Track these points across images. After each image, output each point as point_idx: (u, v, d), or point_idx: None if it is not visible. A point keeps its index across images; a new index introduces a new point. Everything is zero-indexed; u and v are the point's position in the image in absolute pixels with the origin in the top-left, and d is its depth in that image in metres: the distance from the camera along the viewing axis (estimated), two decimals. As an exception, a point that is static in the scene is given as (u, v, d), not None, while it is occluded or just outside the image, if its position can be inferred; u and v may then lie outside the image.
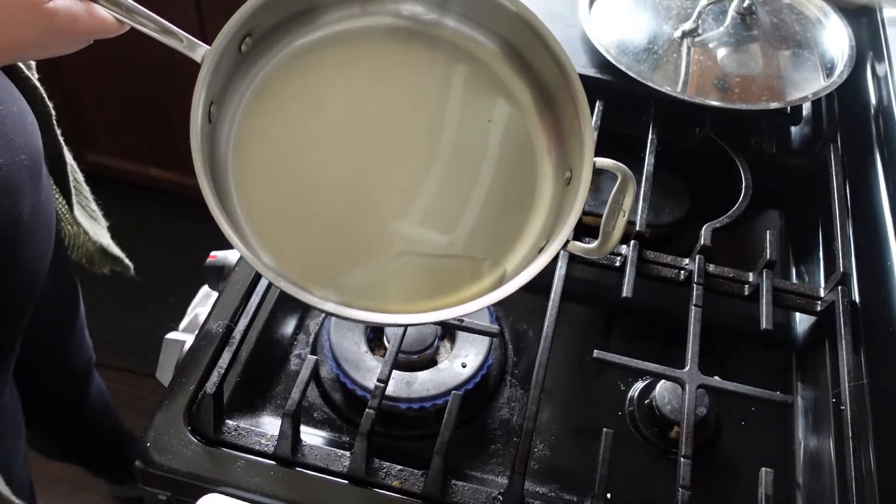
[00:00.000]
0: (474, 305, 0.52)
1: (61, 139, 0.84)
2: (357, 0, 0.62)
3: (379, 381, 0.62)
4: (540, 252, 0.54)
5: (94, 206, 0.94)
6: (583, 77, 0.59)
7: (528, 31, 0.60)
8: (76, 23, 0.52)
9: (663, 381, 0.68)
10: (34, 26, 0.50)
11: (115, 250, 0.97)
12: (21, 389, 0.91)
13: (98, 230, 0.94)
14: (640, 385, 0.71)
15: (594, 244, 0.55)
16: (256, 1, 0.56)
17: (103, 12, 0.53)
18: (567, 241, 0.54)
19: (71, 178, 0.87)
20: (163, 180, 1.75)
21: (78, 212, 0.89)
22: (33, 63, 0.79)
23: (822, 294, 0.74)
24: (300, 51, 0.61)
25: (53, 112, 0.81)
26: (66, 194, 0.86)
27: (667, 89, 0.82)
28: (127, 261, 1.00)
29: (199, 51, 0.54)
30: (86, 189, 0.92)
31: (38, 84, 0.78)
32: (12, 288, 0.75)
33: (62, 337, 1.04)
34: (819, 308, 0.74)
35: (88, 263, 0.94)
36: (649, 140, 0.84)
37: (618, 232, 0.55)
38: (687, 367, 0.66)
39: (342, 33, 0.62)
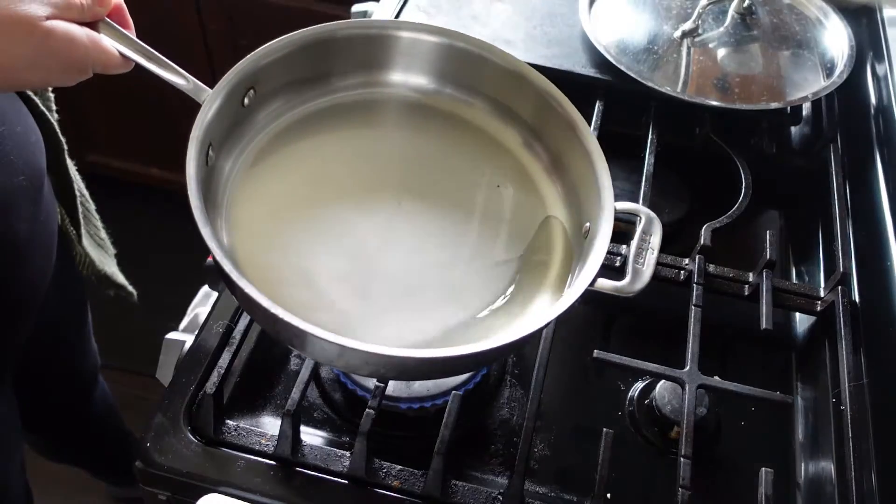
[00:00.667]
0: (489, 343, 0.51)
1: (73, 170, 0.84)
2: (363, 72, 0.65)
3: (379, 380, 0.62)
4: (567, 287, 0.55)
5: (103, 234, 0.94)
6: (583, 77, 0.59)
7: (531, 89, 0.62)
8: (73, 46, 0.50)
9: (663, 381, 0.68)
10: (27, 44, 0.49)
11: (120, 279, 0.98)
12: (27, 395, 0.91)
13: (104, 259, 0.94)
14: (640, 385, 0.71)
15: (624, 281, 0.55)
16: (256, 59, 0.58)
17: (107, 44, 0.53)
18: (594, 280, 0.53)
19: (80, 208, 0.86)
20: (163, 180, 1.75)
21: (86, 241, 0.89)
22: (52, 99, 0.79)
23: (822, 294, 0.74)
24: (305, 115, 0.63)
25: (66, 147, 0.81)
26: (76, 223, 0.86)
27: (667, 89, 0.82)
28: (130, 288, 1.00)
29: (204, 95, 0.55)
30: (96, 218, 0.93)
31: (54, 123, 0.78)
32: (8, 306, 0.75)
33: (69, 343, 1.04)
34: (819, 308, 0.74)
35: (97, 283, 0.95)
36: (649, 140, 0.84)
37: (648, 269, 0.56)
38: (687, 367, 0.66)
39: (349, 103, 0.65)
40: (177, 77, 0.55)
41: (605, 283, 0.54)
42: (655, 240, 0.57)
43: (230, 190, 0.59)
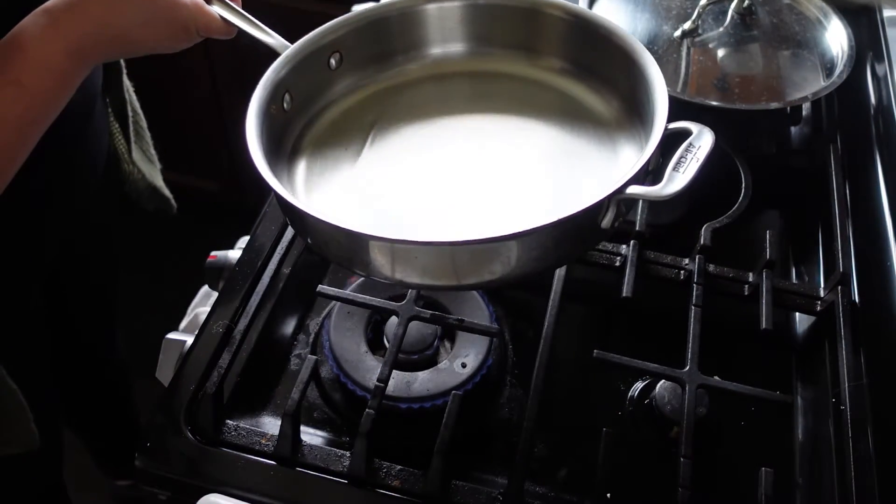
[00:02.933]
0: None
1: (128, 92, 0.90)
2: (435, 45, 0.70)
3: (379, 381, 0.62)
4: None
5: (152, 149, 1.00)
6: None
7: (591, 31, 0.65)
8: (177, 8, 0.57)
9: (663, 381, 0.68)
10: (138, 7, 0.56)
11: (165, 191, 1.02)
12: (54, 328, 0.93)
13: (153, 171, 0.99)
14: (640, 385, 0.71)
15: (657, 185, 0.52)
16: (341, 24, 0.65)
17: (210, 9, 0.59)
18: (627, 184, 0.52)
19: (132, 125, 0.92)
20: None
21: (136, 154, 0.94)
22: None
23: (822, 294, 0.74)
24: (386, 87, 0.69)
25: (125, 69, 0.87)
26: (127, 139, 0.91)
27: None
28: (173, 202, 1.04)
29: (283, 50, 0.63)
30: (147, 134, 0.98)
31: None
32: (51, 206, 0.78)
33: (100, 264, 1.07)
34: (819, 308, 0.74)
35: (137, 199, 0.98)
36: (649, 140, 0.84)
37: (687, 176, 0.52)
38: (687, 367, 0.66)
39: (424, 77, 0.70)
40: (268, 37, 0.63)
41: (636, 189, 0.52)
42: (703, 151, 0.53)
43: (300, 139, 0.65)
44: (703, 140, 0.54)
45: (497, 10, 0.68)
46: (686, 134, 0.55)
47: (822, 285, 0.76)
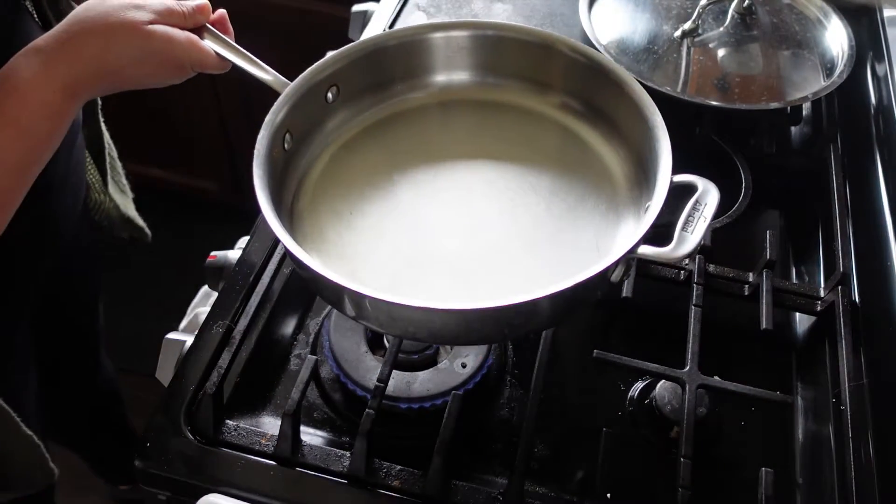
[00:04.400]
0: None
1: (103, 125, 0.90)
2: (432, 73, 0.69)
3: (379, 381, 0.62)
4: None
5: (125, 180, 1.00)
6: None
7: (600, 76, 0.64)
8: (172, 45, 0.57)
9: (663, 381, 0.68)
10: (131, 44, 0.56)
11: (139, 221, 1.02)
12: (41, 354, 0.92)
13: (126, 202, 0.99)
14: (640, 385, 0.71)
15: (668, 247, 0.53)
16: (337, 57, 0.64)
17: (204, 45, 0.59)
18: (636, 246, 0.52)
19: (108, 158, 0.92)
20: (163, 180, 1.75)
21: (112, 187, 0.94)
22: None
23: (822, 294, 0.74)
24: (390, 114, 0.69)
25: (101, 103, 0.87)
26: (103, 172, 0.91)
27: (667, 89, 0.82)
28: (147, 230, 1.04)
29: (286, 87, 0.62)
30: (119, 165, 0.98)
31: None
32: (38, 239, 0.78)
33: (82, 297, 1.06)
34: (819, 308, 0.74)
35: (109, 227, 0.97)
36: (649, 140, 0.84)
37: (697, 235, 0.53)
38: (687, 367, 0.66)
39: (416, 107, 0.69)
40: (264, 73, 0.62)
41: (647, 250, 0.53)
42: (710, 209, 0.54)
43: (302, 179, 0.64)
44: (709, 197, 0.54)
45: (508, 43, 0.68)
46: (691, 188, 0.56)
47: (822, 285, 0.76)
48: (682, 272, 0.75)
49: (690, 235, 0.53)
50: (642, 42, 0.88)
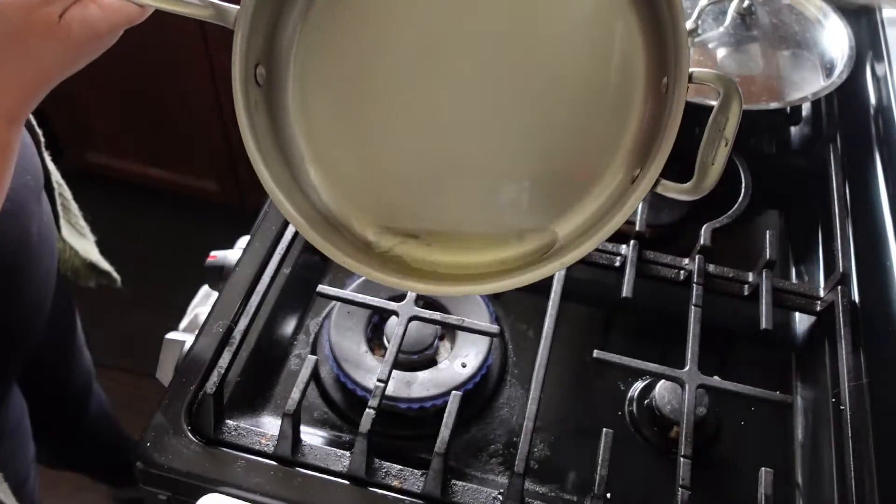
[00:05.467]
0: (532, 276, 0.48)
1: (49, 161, 0.83)
2: None
3: (379, 381, 0.62)
4: (634, 181, 0.49)
5: (82, 221, 0.94)
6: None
7: None
8: (95, 25, 0.49)
9: (663, 380, 0.68)
10: (57, 51, 0.49)
11: (104, 265, 0.97)
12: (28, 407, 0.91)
13: (86, 245, 0.93)
14: (640, 385, 0.71)
15: (689, 183, 0.47)
16: None
17: (118, 3, 0.50)
18: (659, 179, 0.47)
19: (59, 199, 0.86)
20: (163, 180, 1.75)
21: (65, 230, 0.89)
22: None
23: (821, 294, 0.74)
24: None
25: (43, 139, 0.80)
26: (55, 213, 0.86)
27: (667, 89, 0.82)
28: (115, 274, 0.99)
29: (231, 15, 0.50)
30: (74, 206, 0.92)
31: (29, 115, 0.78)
32: (25, 306, 0.75)
33: (60, 353, 1.03)
34: (819, 308, 0.74)
35: (74, 277, 0.94)
36: (649, 140, 0.84)
37: (719, 164, 0.47)
38: (687, 367, 0.66)
39: None
40: (196, 10, 0.49)
41: (668, 185, 0.47)
42: (731, 128, 0.46)
43: (293, 96, 0.54)
44: (731, 110, 0.47)
45: None
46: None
47: (822, 285, 0.76)
48: (682, 272, 0.75)
49: (714, 166, 0.47)
50: (642, 42, 0.88)
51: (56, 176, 0.86)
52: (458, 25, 0.53)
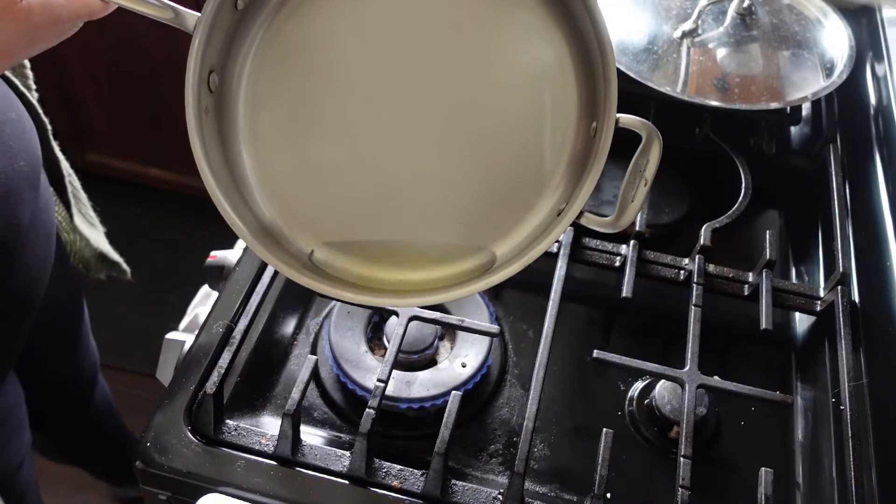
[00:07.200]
0: (466, 290, 0.50)
1: (58, 151, 0.84)
2: None
3: (379, 381, 0.62)
4: (559, 215, 0.51)
5: (92, 212, 0.95)
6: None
7: None
8: (56, 11, 0.50)
9: (663, 380, 0.68)
10: (13, 31, 0.50)
11: (114, 256, 0.98)
12: (26, 392, 0.91)
13: (97, 236, 0.94)
14: (640, 385, 0.71)
15: (610, 217, 0.51)
16: None
17: None
18: (582, 213, 0.50)
19: (69, 187, 0.87)
20: (163, 180, 1.75)
21: (77, 219, 0.89)
22: (31, 77, 0.79)
23: (821, 294, 0.74)
24: None
25: (50, 127, 0.81)
26: (66, 203, 0.87)
27: (666, 89, 0.82)
28: (124, 265, 1.00)
29: (191, 21, 0.51)
30: (84, 196, 0.93)
31: (35, 102, 0.78)
32: (12, 294, 0.75)
33: (67, 340, 1.04)
34: (819, 308, 0.74)
35: (85, 269, 0.95)
36: (649, 140, 0.84)
37: (637, 202, 0.50)
38: (687, 367, 0.66)
39: None
40: (158, 11, 0.51)
41: (590, 218, 0.50)
42: (650, 168, 0.49)
43: (243, 105, 0.56)
44: (651, 152, 0.50)
45: None
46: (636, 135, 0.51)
47: (822, 285, 0.76)
48: (682, 272, 0.75)
49: (632, 203, 0.50)
50: (642, 42, 0.88)
51: (66, 168, 0.87)
52: (406, 57, 0.55)
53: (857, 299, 0.72)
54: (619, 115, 0.50)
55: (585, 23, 0.52)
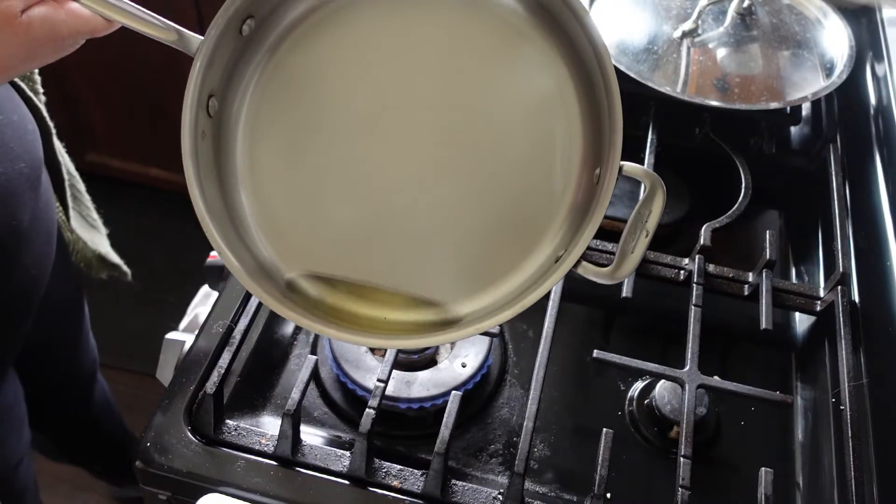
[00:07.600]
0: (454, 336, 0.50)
1: (61, 154, 0.84)
2: None
3: (379, 381, 0.62)
4: (557, 261, 0.51)
5: (94, 214, 0.95)
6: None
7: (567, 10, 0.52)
8: (56, 27, 0.50)
9: (663, 380, 0.68)
10: (12, 44, 0.49)
11: (114, 258, 0.98)
12: (26, 391, 0.91)
13: (97, 238, 0.94)
14: (640, 385, 0.71)
15: (608, 268, 0.49)
16: None
17: (86, 12, 0.51)
18: (580, 261, 0.49)
19: (69, 189, 0.87)
20: (163, 180, 1.75)
21: (76, 221, 0.89)
22: (38, 82, 0.79)
23: (821, 294, 0.74)
24: (311, 25, 0.56)
25: (54, 130, 0.81)
26: (64, 205, 0.87)
27: (667, 89, 0.82)
28: (125, 267, 1.00)
29: (194, 43, 0.51)
30: (86, 198, 0.93)
31: (42, 106, 0.78)
32: (11, 294, 0.76)
33: (67, 339, 1.04)
34: (819, 308, 0.74)
35: (87, 268, 0.95)
36: (649, 140, 0.84)
37: (638, 253, 0.49)
38: (687, 367, 0.66)
39: (355, 2, 0.56)
40: (161, 32, 0.51)
41: (587, 268, 0.49)
42: (653, 220, 0.48)
43: (242, 132, 0.56)
44: (654, 204, 0.49)
45: None
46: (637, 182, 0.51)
47: (822, 285, 0.76)
48: (682, 272, 0.75)
49: (632, 255, 0.48)
50: (642, 42, 0.88)
51: (68, 166, 0.87)
52: (408, 92, 0.55)
53: (857, 299, 0.72)
54: (622, 162, 0.49)
55: (593, 66, 0.51)
